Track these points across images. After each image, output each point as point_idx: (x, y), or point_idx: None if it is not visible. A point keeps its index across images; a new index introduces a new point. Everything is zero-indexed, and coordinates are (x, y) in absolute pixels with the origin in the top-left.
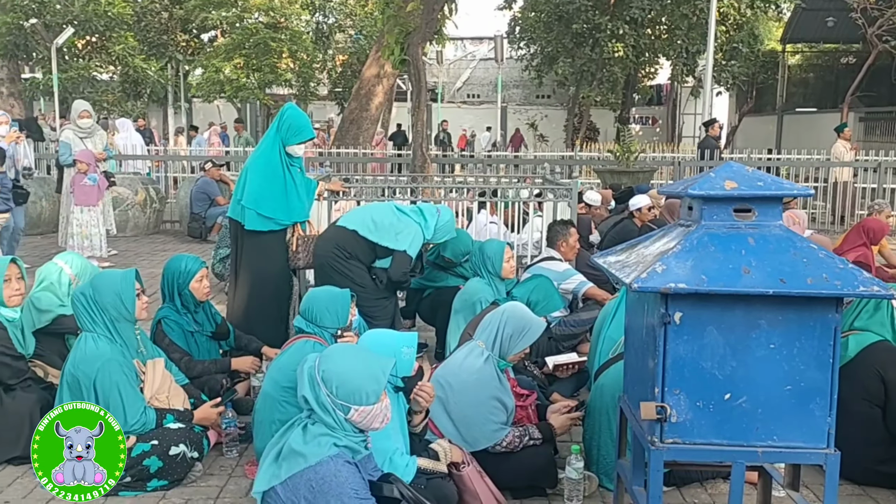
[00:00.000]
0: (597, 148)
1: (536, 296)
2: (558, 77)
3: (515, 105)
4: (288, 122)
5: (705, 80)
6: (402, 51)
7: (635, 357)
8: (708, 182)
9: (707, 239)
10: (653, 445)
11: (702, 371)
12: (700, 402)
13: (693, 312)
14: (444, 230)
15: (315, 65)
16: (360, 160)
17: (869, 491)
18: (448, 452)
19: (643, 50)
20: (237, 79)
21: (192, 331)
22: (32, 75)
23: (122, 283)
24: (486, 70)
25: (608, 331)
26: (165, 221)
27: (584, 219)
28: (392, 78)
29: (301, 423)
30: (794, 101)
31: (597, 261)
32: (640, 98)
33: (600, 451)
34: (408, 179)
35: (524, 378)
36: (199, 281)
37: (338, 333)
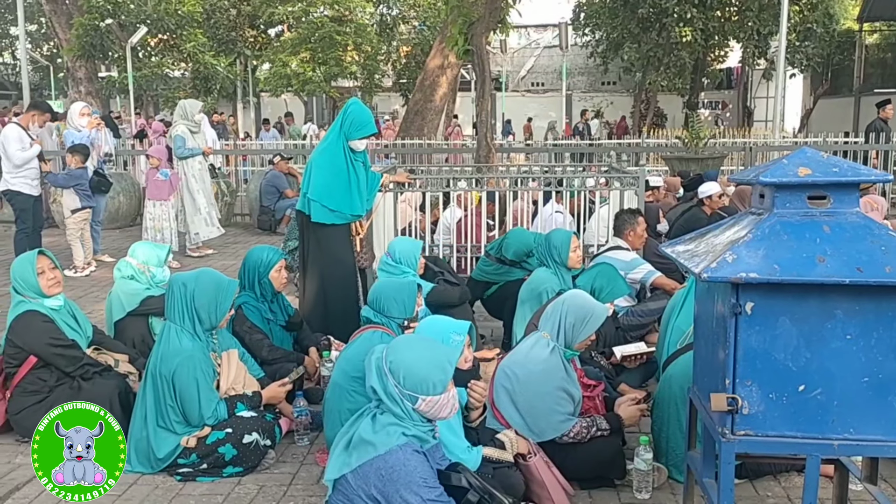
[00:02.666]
0: (664, 134)
1: (600, 282)
2: (624, 63)
3: (580, 92)
4: (351, 118)
5: (778, 63)
6: (466, 41)
7: (705, 347)
8: (780, 169)
9: (780, 227)
10: (724, 437)
11: (774, 362)
12: (773, 393)
13: (765, 302)
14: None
15: (379, 57)
16: (424, 151)
17: None
18: (514, 443)
19: (712, 33)
20: (303, 72)
21: (269, 319)
22: (109, 74)
23: (225, 292)
24: (551, 58)
25: (677, 321)
26: (236, 214)
27: (652, 207)
28: (456, 68)
29: (370, 412)
30: (871, 82)
31: (665, 250)
32: (710, 82)
33: (669, 443)
34: (472, 170)
35: (591, 369)
36: (277, 271)
37: (404, 324)
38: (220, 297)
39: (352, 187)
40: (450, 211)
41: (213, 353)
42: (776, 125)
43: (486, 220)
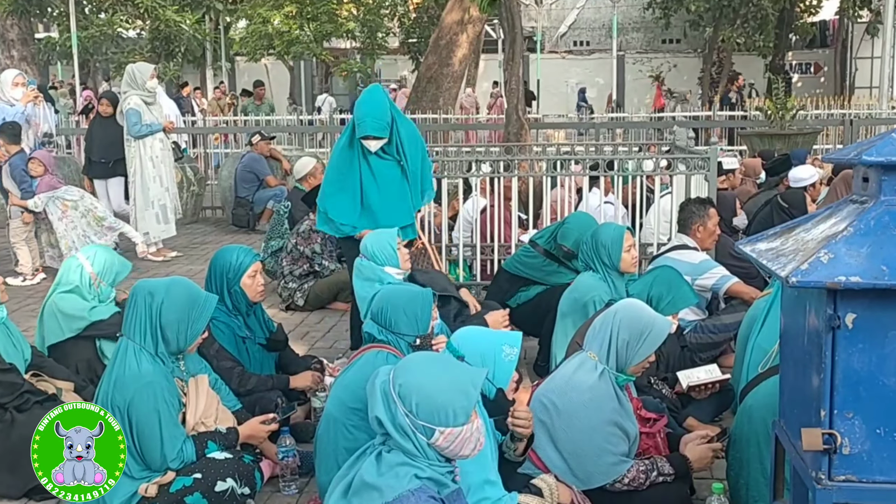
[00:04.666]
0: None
1: (658, 289)
2: (690, 15)
3: (635, 53)
4: (357, 109)
5: (885, 14)
6: None
7: (794, 371)
8: (890, 145)
9: (888, 219)
10: (819, 484)
11: (883, 389)
12: (881, 428)
13: (870, 314)
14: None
15: (383, 11)
16: (440, 127)
17: None
18: (555, 490)
19: None
20: (288, 31)
21: (244, 336)
22: (47, 35)
23: (199, 308)
24: (598, 10)
25: (757, 338)
26: (206, 208)
27: (727, 196)
28: (479, 24)
29: (374, 450)
30: None
31: (743, 249)
32: (799, 40)
33: (749, 491)
34: (500, 150)
35: (650, 399)
36: (251, 277)
37: (416, 342)
38: (193, 314)
39: (356, 195)
40: (471, 202)
41: (178, 379)
42: (883, 92)
43: (516, 212)
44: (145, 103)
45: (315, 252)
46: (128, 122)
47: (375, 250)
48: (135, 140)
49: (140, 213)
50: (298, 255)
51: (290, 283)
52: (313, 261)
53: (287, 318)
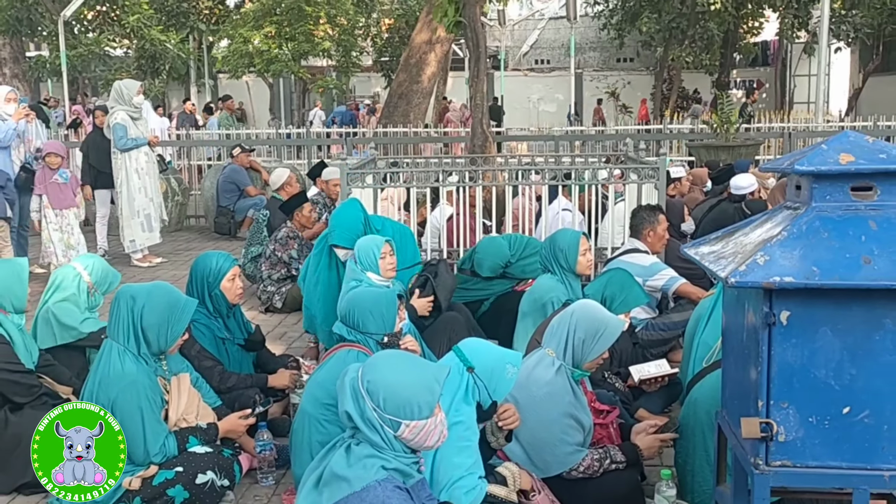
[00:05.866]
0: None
1: (612, 290)
2: (643, 36)
3: (592, 71)
4: (332, 219)
5: (821, 35)
6: (457, 11)
7: (735, 365)
8: (819, 156)
9: (819, 223)
10: (756, 469)
11: (814, 380)
12: (813, 417)
13: (803, 311)
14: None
15: (357, 31)
16: (410, 140)
17: None
18: (517, 477)
19: (744, 1)
20: (268, 50)
21: (224, 338)
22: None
23: (179, 312)
24: (557, 31)
25: (703, 335)
26: (190, 216)
27: (676, 203)
28: (446, 44)
29: (344, 443)
30: None
31: (687, 252)
32: (742, 58)
33: (695, 477)
34: (466, 161)
35: (604, 392)
36: (230, 281)
37: (384, 340)
38: (173, 317)
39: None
40: (439, 210)
41: (161, 377)
42: (819, 107)
43: (481, 219)
44: (131, 118)
45: (292, 257)
46: (114, 136)
47: (361, 254)
48: (121, 153)
49: (126, 221)
50: (276, 260)
51: (268, 287)
52: (290, 265)
53: (266, 319)
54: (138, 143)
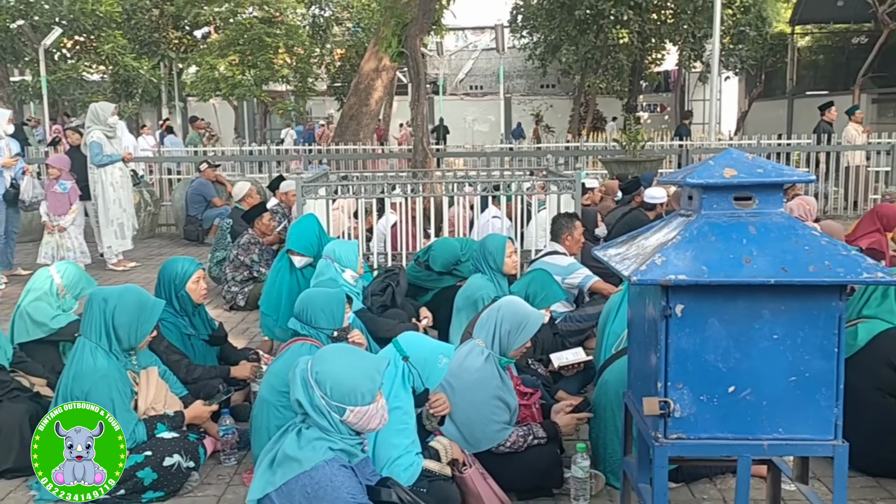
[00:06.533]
0: (603, 137)
1: (534, 288)
2: (562, 66)
3: (520, 95)
4: (290, 229)
5: (713, 65)
6: (400, 43)
7: (638, 351)
8: (707, 170)
9: (707, 228)
10: (657, 441)
11: (705, 364)
12: (704, 395)
13: (694, 304)
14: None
15: (312, 59)
16: (359, 156)
17: (883, 482)
18: (448, 449)
19: (649, 35)
20: (232, 76)
21: (189, 334)
22: (22, 78)
23: (148, 312)
24: (489, 60)
25: (612, 325)
26: (161, 225)
27: (590, 211)
28: (392, 71)
29: (295, 427)
30: (804, 85)
31: (597, 254)
32: (648, 85)
33: (606, 449)
34: (408, 175)
35: (528, 377)
36: (195, 283)
37: (334, 335)
38: (142, 316)
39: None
40: (384, 218)
41: (131, 371)
42: (712, 127)
43: (421, 226)
44: (106, 137)
45: (253, 261)
46: (91, 153)
47: (342, 255)
48: (97, 168)
49: (103, 229)
50: (239, 263)
51: (232, 288)
52: (252, 268)
53: (230, 317)
54: (113, 158)
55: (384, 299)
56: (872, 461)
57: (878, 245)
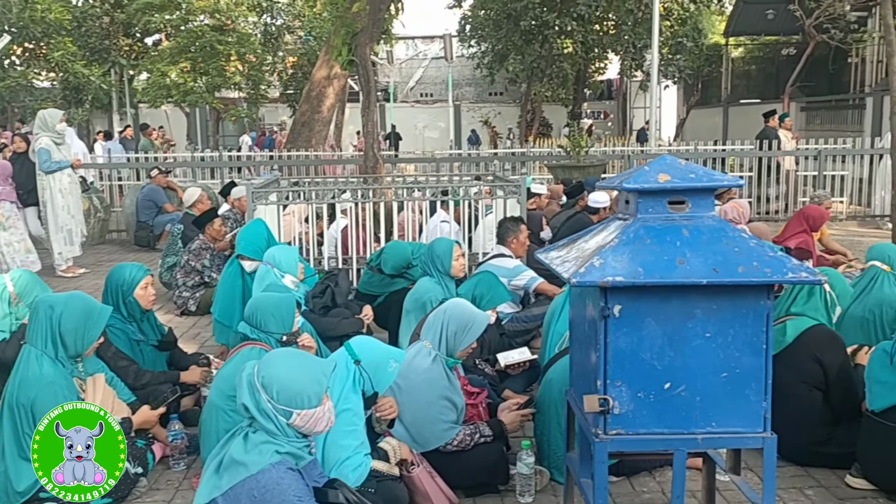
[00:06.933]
0: (550, 143)
1: (480, 290)
2: (509, 74)
3: (469, 103)
4: (239, 234)
5: (652, 75)
6: (350, 51)
7: (579, 350)
8: (642, 175)
9: (643, 231)
10: (597, 438)
11: (642, 362)
12: (641, 392)
13: (631, 305)
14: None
15: (264, 67)
16: (311, 163)
17: (811, 471)
18: (397, 450)
19: (592, 46)
20: (184, 83)
21: (138, 340)
22: None
23: (95, 318)
24: (439, 69)
25: (556, 325)
26: (112, 231)
27: (535, 215)
28: (343, 79)
29: (242, 431)
30: (738, 93)
31: (539, 256)
32: (591, 93)
33: (550, 446)
34: (359, 181)
35: (475, 377)
36: (143, 289)
37: (283, 339)
38: (89, 323)
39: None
40: (335, 223)
41: (77, 378)
42: (652, 134)
43: (371, 231)
44: (55, 144)
45: (205, 266)
46: (39, 160)
47: (282, 260)
48: (45, 174)
49: (52, 236)
50: (190, 269)
51: (183, 293)
52: (203, 273)
53: (181, 322)
54: (61, 165)
55: (324, 300)
56: (800, 451)
57: (805, 245)
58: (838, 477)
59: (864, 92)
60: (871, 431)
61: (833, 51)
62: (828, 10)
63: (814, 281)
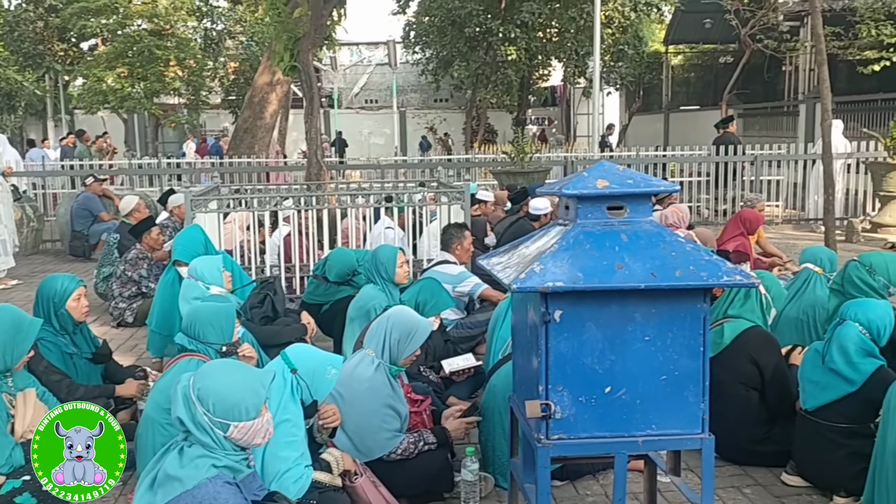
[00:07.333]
0: (495, 150)
1: (423, 297)
2: (454, 81)
3: (414, 109)
4: (175, 239)
5: (594, 81)
6: (292, 57)
7: (522, 356)
8: (581, 181)
9: (583, 237)
10: (539, 443)
11: (583, 366)
12: (582, 396)
13: (572, 310)
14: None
15: (205, 73)
16: (254, 170)
17: (748, 470)
18: (340, 461)
19: (535, 53)
20: (121, 88)
21: (71, 353)
22: None
23: (24, 332)
24: (383, 75)
25: (500, 331)
26: (46, 241)
27: (479, 221)
28: (286, 85)
29: (177, 446)
30: (678, 100)
31: (481, 263)
32: (536, 99)
33: (495, 452)
34: (301, 188)
35: (419, 384)
36: (75, 300)
37: (223, 349)
38: (18, 337)
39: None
40: (277, 230)
41: (6, 394)
42: (595, 140)
43: (315, 238)
44: None
45: (142, 276)
46: None
47: (204, 272)
48: None
49: None
50: (127, 279)
51: (120, 304)
52: (140, 284)
53: (118, 333)
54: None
55: (264, 310)
56: (739, 451)
57: (742, 248)
58: (775, 475)
59: (797, 99)
60: (805, 430)
61: (768, 59)
62: (762, 20)
63: (748, 284)
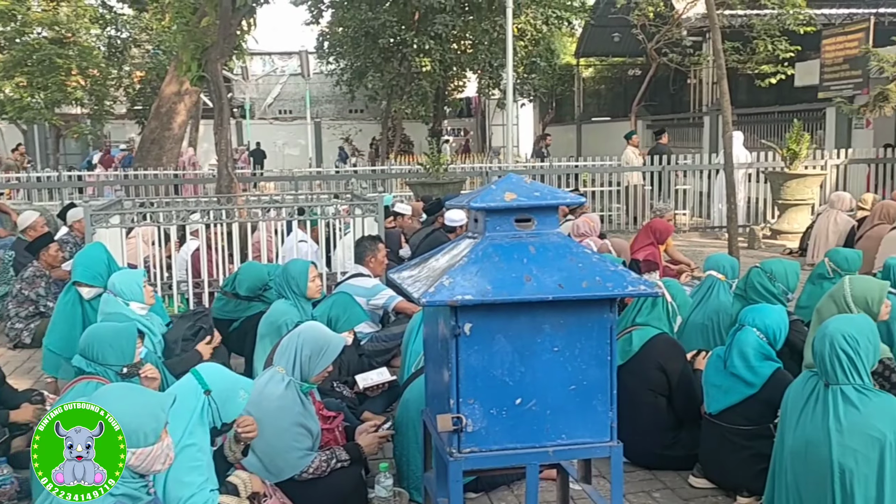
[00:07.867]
0: (411, 161)
1: (336, 311)
2: (369, 91)
3: (329, 120)
4: (75, 259)
5: (508, 93)
6: (200, 67)
7: (433, 369)
8: (489, 194)
9: (492, 249)
10: (451, 457)
11: (493, 379)
12: (493, 409)
13: (482, 322)
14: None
15: (109, 82)
16: (161, 182)
17: (658, 474)
18: (248, 483)
19: (450, 64)
20: (20, 98)
21: None
22: None
23: None
24: (297, 85)
25: (413, 345)
26: None
27: (394, 233)
28: (195, 95)
29: None
30: (589, 111)
31: (392, 276)
32: (451, 110)
33: (410, 466)
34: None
35: (332, 400)
36: None
37: (124, 371)
38: None
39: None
40: (185, 245)
41: None
42: (510, 151)
43: (225, 253)
44: None
45: (39, 295)
46: None
47: (123, 287)
48: None
49: None
50: (24, 298)
51: (16, 324)
52: (38, 303)
53: (15, 355)
54: None
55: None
56: (649, 455)
57: (652, 257)
58: (682, 478)
59: (702, 111)
60: (709, 433)
61: (673, 72)
62: (666, 35)
63: (652, 294)
